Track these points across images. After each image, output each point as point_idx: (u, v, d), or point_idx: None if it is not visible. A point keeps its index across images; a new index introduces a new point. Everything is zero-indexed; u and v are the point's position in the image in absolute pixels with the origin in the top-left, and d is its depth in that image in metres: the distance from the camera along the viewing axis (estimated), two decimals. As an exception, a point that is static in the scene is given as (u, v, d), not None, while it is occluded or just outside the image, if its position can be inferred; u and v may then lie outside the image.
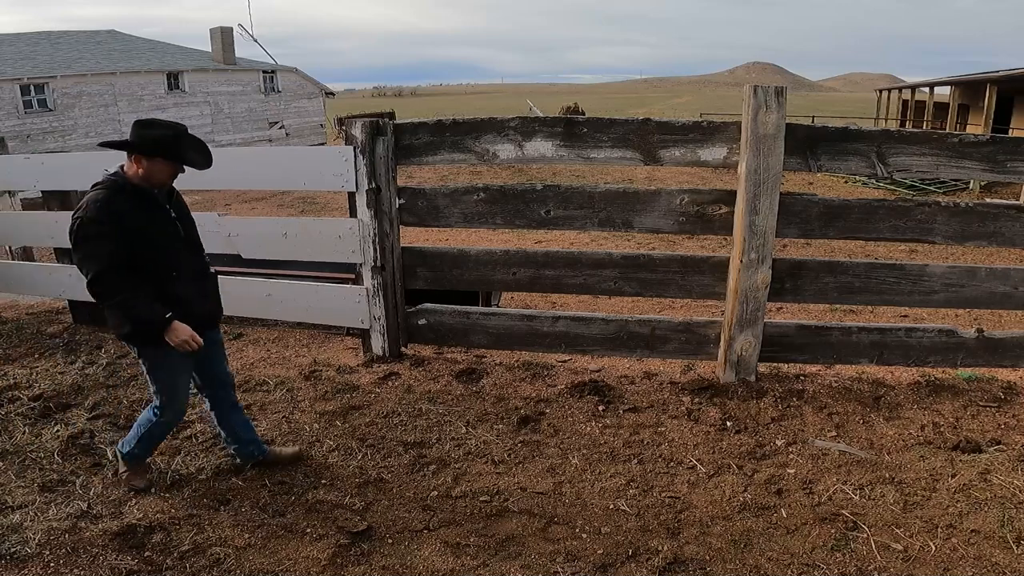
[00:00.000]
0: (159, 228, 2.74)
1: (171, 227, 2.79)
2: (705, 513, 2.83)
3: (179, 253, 2.80)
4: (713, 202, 3.70)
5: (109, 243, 2.56)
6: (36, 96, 20.75)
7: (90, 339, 4.85)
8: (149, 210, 2.71)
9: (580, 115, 19.68)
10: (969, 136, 3.53)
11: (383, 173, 3.90)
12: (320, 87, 30.23)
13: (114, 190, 2.63)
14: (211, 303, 2.95)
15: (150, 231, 2.69)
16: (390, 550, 2.64)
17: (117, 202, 2.61)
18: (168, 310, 2.67)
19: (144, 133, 2.65)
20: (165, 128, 2.70)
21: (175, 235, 2.80)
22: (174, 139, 2.68)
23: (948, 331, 3.82)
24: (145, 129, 2.66)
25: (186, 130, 2.76)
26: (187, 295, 2.78)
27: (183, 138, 2.71)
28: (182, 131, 2.73)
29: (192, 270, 2.84)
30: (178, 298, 2.74)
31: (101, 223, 2.56)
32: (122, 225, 2.59)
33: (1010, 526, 2.68)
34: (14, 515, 2.81)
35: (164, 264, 2.73)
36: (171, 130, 2.70)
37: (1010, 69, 17.70)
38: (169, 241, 2.76)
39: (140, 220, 2.66)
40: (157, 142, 2.64)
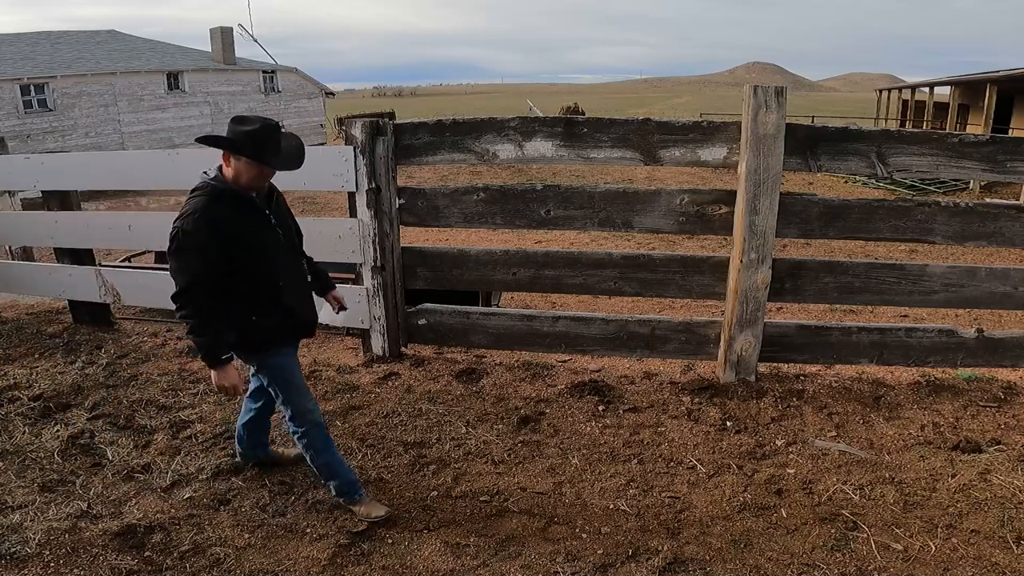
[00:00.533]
0: (257, 235, 2.60)
1: (270, 233, 2.65)
2: (705, 513, 2.83)
3: (281, 261, 2.67)
4: (713, 202, 3.70)
5: (201, 259, 2.46)
6: (36, 96, 20.75)
7: (90, 339, 4.85)
8: (247, 216, 2.57)
9: (580, 115, 19.68)
10: (969, 136, 3.53)
11: (383, 173, 3.90)
12: (320, 87, 30.23)
13: (212, 196, 2.51)
14: (312, 310, 2.86)
15: (248, 239, 2.55)
16: (390, 550, 2.64)
17: (214, 209, 2.48)
18: (228, 352, 2.57)
19: (233, 129, 2.50)
20: (252, 123, 2.50)
21: (275, 242, 2.66)
22: (256, 136, 2.48)
23: (948, 331, 3.82)
24: (235, 125, 2.50)
25: (276, 127, 2.55)
26: (293, 304, 2.71)
27: (267, 135, 2.50)
28: (269, 127, 2.51)
29: (295, 278, 2.75)
30: (286, 308, 2.67)
31: (197, 235, 2.45)
32: (219, 233, 2.47)
33: (1010, 526, 2.68)
34: (14, 515, 2.81)
35: (265, 273, 2.62)
36: (257, 125, 2.49)
37: (1010, 69, 17.71)
38: (270, 249, 2.63)
39: (238, 227, 2.52)
40: (241, 139, 2.47)
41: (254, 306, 2.62)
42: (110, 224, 4.77)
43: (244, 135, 2.46)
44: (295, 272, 2.78)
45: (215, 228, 2.47)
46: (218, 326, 2.54)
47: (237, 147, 2.48)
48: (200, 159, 4.82)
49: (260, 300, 2.62)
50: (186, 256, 2.47)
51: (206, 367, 2.62)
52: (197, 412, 3.72)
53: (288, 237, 2.75)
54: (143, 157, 5.77)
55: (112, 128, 22.19)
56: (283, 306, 2.66)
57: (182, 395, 3.94)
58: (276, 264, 2.66)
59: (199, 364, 4.41)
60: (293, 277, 2.74)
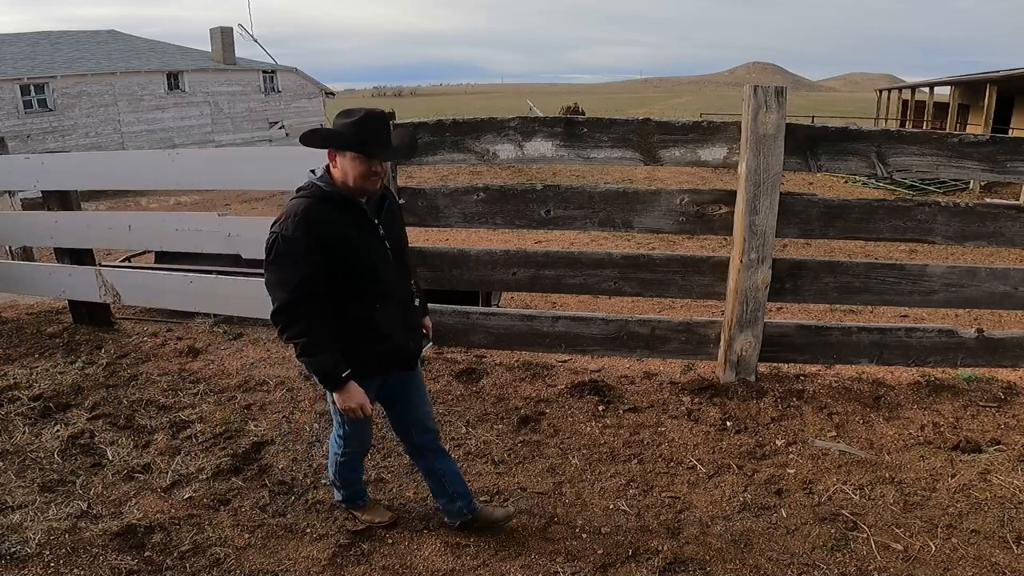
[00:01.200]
0: (361, 247, 2.29)
1: (377, 246, 2.35)
2: (705, 513, 2.83)
3: (384, 277, 2.36)
4: (713, 202, 3.70)
5: (301, 268, 2.18)
6: (36, 96, 20.77)
7: (90, 339, 4.85)
8: (353, 224, 2.28)
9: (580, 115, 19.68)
10: (969, 136, 3.53)
11: (383, 173, 3.90)
12: (320, 87, 30.24)
13: (316, 198, 2.24)
14: (415, 338, 2.53)
15: (351, 250, 2.27)
16: (390, 550, 2.64)
17: (317, 212, 2.21)
18: (347, 370, 2.27)
19: (336, 123, 2.23)
20: (356, 114, 2.23)
21: (381, 256, 2.36)
22: (362, 126, 2.21)
23: (948, 331, 3.82)
24: (338, 119, 2.24)
25: (383, 116, 2.29)
26: (390, 328, 2.38)
27: (375, 125, 2.23)
28: (377, 116, 2.25)
29: (398, 298, 2.43)
30: (379, 332, 2.36)
31: (297, 241, 2.16)
32: (320, 242, 2.19)
33: (1010, 526, 2.68)
34: (14, 515, 2.81)
35: (364, 290, 2.32)
36: (362, 114, 2.23)
37: (1010, 69, 17.70)
38: (373, 263, 2.33)
39: (342, 235, 2.24)
40: (346, 132, 2.21)
41: (342, 328, 2.31)
42: (110, 224, 4.77)
43: (349, 126, 2.21)
44: (399, 292, 2.43)
45: (317, 233, 2.19)
46: (329, 341, 2.24)
47: (342, 141, 2.22)
48: (200, 159, 4.84)
49: (352, 321, 2.31)
50: (286, 265, 2.18)
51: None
52: (197, 412, 3.72)
53: (398, 253, 2.43)
54: (143, 157, 5.77)
55: (112, 128, 22.21)
56: (376, 331, 2.35)
57: (182, 395, 3.94)
58: (377, 282, 2.34)
59: (199, 364, 4.41)
60: (396, 298, 2.41)
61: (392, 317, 2.39)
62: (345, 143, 2.22)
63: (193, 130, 24.74)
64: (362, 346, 2.35)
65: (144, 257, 6.82)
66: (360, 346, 2.34)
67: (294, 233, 2.16)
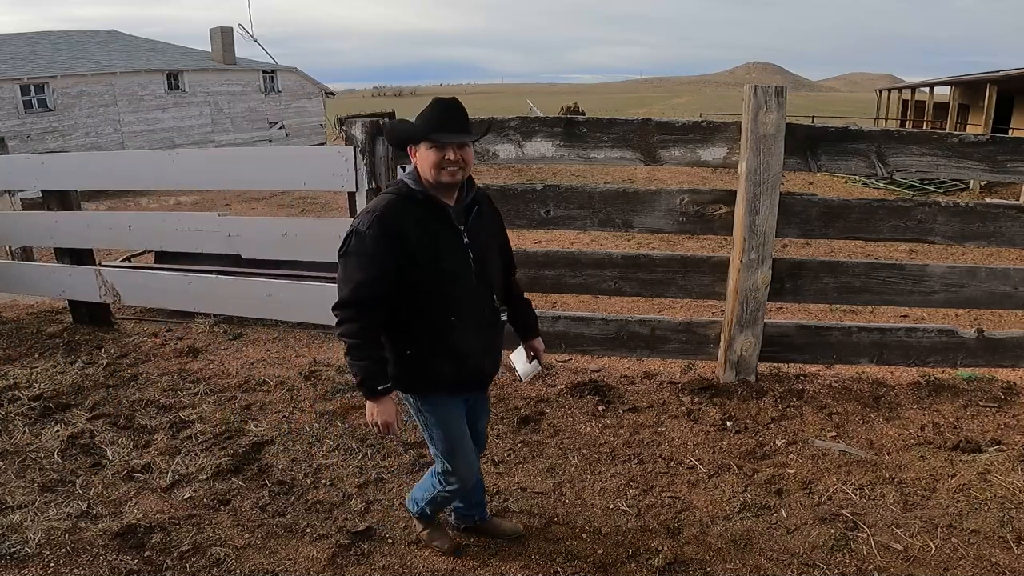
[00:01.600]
0: (441, 252, 2.13)
1: (459, 253, 2.16)
2: (705, 513, 2.83)
3: (462, 289, 2.17)
4: (713, 202, 3.70)
5: (368, 268, 2.07)
6: (36, 96, 20.75)
7: (90, 339, 4.85)
8: (433, 226, 2.13)
9: (580, 115, 19.67)
10: (969, 136, 3.53)
11: (383, 173, 3.90)
12: (320, 87, 30.23)
13: (399, 196, 2.12)
14: (491, 360, 2.34)
15: (427, 255, 2.11)
16: (390, 550, 2.64)
17: (395, 211, 2.09)
18: (387, 382, 2.14)
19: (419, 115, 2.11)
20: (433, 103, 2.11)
21: (462, 265, 2.17)
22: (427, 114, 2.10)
23: (948, 331, 3.82)
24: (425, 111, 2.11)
25: (450, 100, 2.13)
26: (465, 348, 2.20)
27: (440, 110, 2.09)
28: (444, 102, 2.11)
29: (477, 315, 2.22)
30: (454, 349, 2.18)
31: (369, 239, 2.05)
32: (395, 242, 2.06)
33: (1010, 526, 2.68)
34: (14, 515, 2.81)
35: (440, 300, 2.15)
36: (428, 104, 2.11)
37: (1010, 69, 17.71)
38: (452, 271, 2.15)
39: (419, 238, 2.09)
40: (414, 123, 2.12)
41: (413, 339, 2.18)
42: (110, 224, 4.77)
43: (418, 117, 2.11)
44: (479, 309, 2.23)
45: (392, 232, 2.06)
46: (379, 350, 2.15)
47: (410, 133, 2.11)
48: (200, 159, 4.84)
49: (422, 333, 2.18)
50: (353, 262, 2.09)
51: (361, 395, 2.19)
52: (197, 412, 3.72)
53: (483, 265, 2.22)
54: (143, 157, 5.77)
55: (112, 128, 22.19)
56: (450, 346, 2.18)
57: (182, 395, 3.94)
58: (453, 294, 2.16)
59: (199, 364, 4.41)
60: (474, 314, 2.21)
61: (470, 335, 2.20)
62: (413, 133, 2.11)
63: (193, 130, 24.73)
64: (435, 360, 2.19)
65: (144, 257, 6.83)
66: (433, 360, 2.19)
67: (368, 230, 2.06)
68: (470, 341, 2.21)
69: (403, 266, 2.08)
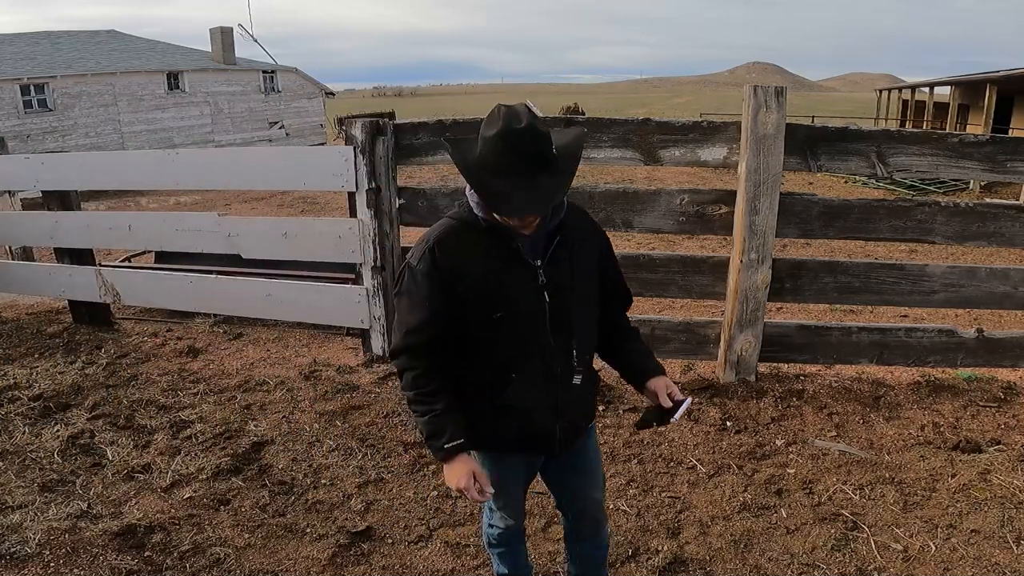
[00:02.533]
0: (504, 292, 1.73)
1: (528, 294, 1.75)
2: (705, 513, 2.83)
3: (529, 337, 1.77)
4: (713, 202, 3.70)
5: (421, 310, 1.74)
6: (36, 96, 20.75)
7: (90, 339, 4.85)
8: (497, 260, 1.73)
9: (580, 115, 19.68)
10: (969, 136, 3.53)
11: (383, 173, 3.90)
12: (320, 87, 30.23)
13: (459, 223, 1.76)
14: (568, 422, 1.87)
15: (485, 294, 1.72)
16: (390, 550, 2.64)
17: (450, 242, 1.73)
18: (456, 440, 1.74)
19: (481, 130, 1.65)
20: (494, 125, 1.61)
21: (531, 307, 1.75)
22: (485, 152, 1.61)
23: (948, 331, 3.82)
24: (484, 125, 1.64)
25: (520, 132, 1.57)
26: (530, 404, 1.81)
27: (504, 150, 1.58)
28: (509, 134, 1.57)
29: (546, 368, 1.80)
30: (513, 407, 1.81)
31: (420, 276, 1.73)
32: (448, 279, 1.72)
33: (1010, 526, 2.68)
34: (14, 515, 2.81)
35: (497, 354, 1.77)
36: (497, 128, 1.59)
37: (1010, 69, 17.70)
38: (514, 315, 1.74)
39: (475, 274, 1.72)
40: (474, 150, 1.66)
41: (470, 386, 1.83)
42: (110, 224, 4.77)
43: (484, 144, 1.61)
44: (550, 361, 1.79)
45: (445, 267, 1.72)
46: (441, 401, 1.77)
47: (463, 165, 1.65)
48: (200, 159, 4.84)
49: (475, 385, 1.83)
50: (404, 303, 1.78)
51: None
52: (197, 412, 3.72)
53: (563, 309, 1.77)
54: (143, 157, 5.77)
55: (112, 128, 22.19)
56: (508, 405, 1.81)
57: (182, 395, 3.94)
58: (524, 344, 1.77)
59: (199, 364, 4.41)
60: (544, 368, 1.79)
61: (535, 390, 1.80)
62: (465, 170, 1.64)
63: (193, 130, 24.73)
64: (493, 412, 1.82)
65: (144, 257, 6.83)
66: (490, 412, 1.82)
67: (419, 264, 1.74)
68: (537, 399, 1.81)
69: (453, 302, 1.73)
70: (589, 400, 1.95)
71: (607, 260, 1.92)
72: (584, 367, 1.86)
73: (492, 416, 1.82)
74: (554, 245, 1.76)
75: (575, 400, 1.86)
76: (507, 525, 2.08)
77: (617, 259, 1.99)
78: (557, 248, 1.76)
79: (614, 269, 1.95)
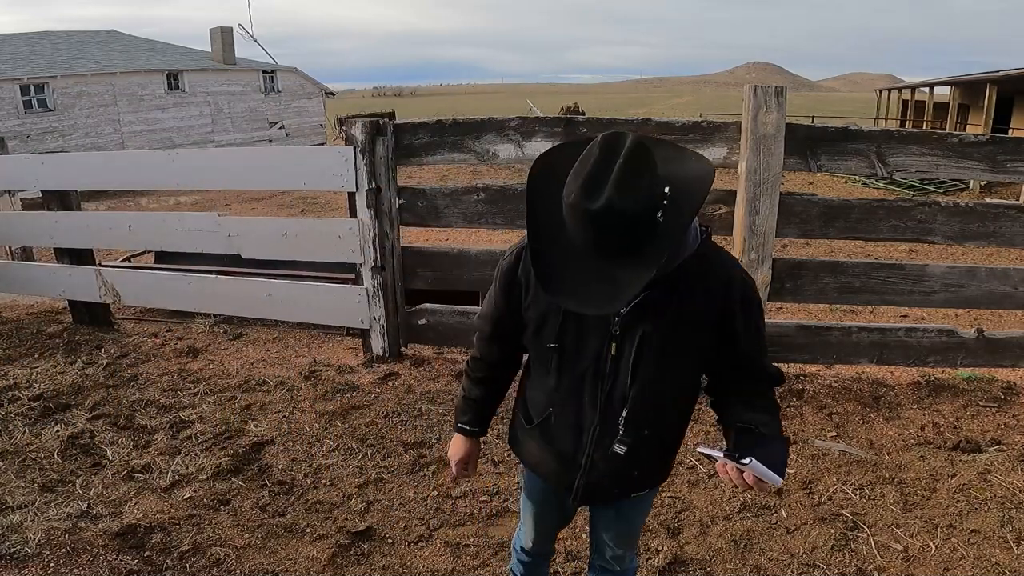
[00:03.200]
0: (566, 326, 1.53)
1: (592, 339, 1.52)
2: (705, 513, 2.82)
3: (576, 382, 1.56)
4: (713, 202, 3.70)
5: (492, 302, 1.70)
6: (36, 96, 20.76)
7: (90, 339, 4.85)
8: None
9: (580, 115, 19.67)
10: (969, 136, 3.53)
11: (383, 173, 3.90)
12: (320, 87, 30.24)
13: None
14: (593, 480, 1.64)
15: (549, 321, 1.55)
16: (390, 550, 2.64)
17: None
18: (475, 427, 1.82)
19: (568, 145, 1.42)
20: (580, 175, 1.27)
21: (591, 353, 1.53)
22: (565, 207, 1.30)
23: (948, 331, 3.82)
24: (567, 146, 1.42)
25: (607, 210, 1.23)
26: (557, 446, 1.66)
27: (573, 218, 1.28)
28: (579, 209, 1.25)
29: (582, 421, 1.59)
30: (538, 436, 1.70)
31: (501, 273, 1.65)
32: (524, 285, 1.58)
33: (1010, 526, 2.68)
34: (14, 515, 2.81)
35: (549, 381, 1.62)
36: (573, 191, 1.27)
37: (1010, 69, 17.71)
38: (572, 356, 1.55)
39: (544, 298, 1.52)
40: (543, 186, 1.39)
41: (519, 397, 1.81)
42: (110, 224, 4.77)
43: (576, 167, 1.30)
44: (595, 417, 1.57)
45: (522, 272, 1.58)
46: (479, 388, 1.82)
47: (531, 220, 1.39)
48: (200, 159, 4.84)
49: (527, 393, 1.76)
50: (490, 288, 1.72)
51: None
52: (197, 412, 3.72)
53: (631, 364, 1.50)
54: (143, 157, 5.77)
55: (112, 128, 22.20)
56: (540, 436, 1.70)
57: (182, 395, 3.94)
58: (563, 381, 1.59)
59: (199, 364, 4.41)
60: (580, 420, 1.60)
61: (563, 439, 1.64)
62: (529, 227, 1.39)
63: (193, 130, 24.74)
64: (527, 431, 1.75)
65: (144, 257, 6.83)
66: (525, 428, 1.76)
67: (505, 260, 1.64)
68: (562, 442, 1.64)
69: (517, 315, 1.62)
70: (634, 472, 1.65)
71: (734, 330, 1.50)
72: (635, 439, 1.57)
73: (526, 434, 1.75)
74: (640, 298, 1.43)
75: (612, 467, 1.61)
76: (526, 547, 2.02)
77: (760, 329, 1.57)
78: (645, 301, 1.45)
79: (747, 342, 1.52)
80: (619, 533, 1.89)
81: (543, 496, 1.86)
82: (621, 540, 1.90)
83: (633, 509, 1.83)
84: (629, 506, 1.80)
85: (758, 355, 1.56)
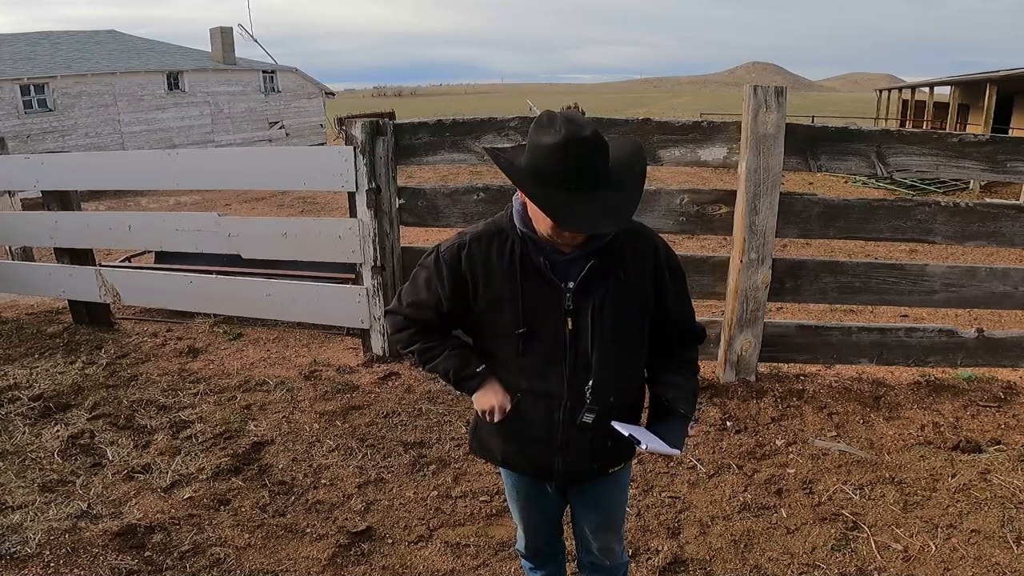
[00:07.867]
0: (519, 311, 1.64)
1: (549, 318, 1.64)
2: (705, 513, 2.82)
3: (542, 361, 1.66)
4: (713, 202, 3.70)
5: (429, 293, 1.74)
6: (36, 96, 20.74)
7: (90, 339, 4.85)
8: (525, 278, 1.64)
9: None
10: (969, 136, 3.53)
11: (383, 173, 3.90)
12: (320, 87, 30.23)
13: (495, 231, 1.69)
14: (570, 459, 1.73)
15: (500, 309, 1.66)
16: (390, 550, 2.64)
17: (482, 247, 1.68)
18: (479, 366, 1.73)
19: (531, 135, 1.53)
20: (553, 133, 1.47)
21: (551, 330, 1.64)
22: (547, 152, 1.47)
23: (948, 331, 3.82)
24: (536, 130, 1.52)
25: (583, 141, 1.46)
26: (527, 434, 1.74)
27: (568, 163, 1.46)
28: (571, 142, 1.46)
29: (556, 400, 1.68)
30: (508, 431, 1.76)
31: (439, 268, 1.71)
32: (463, 286, 1.69)
33: (1010, 526, 2.68)
34: (14, 515, 2.81)
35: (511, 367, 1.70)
36: (559, 137, 1.46)
37: (1010, 69, 17.70)
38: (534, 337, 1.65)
39: (500, 286, 1.64)
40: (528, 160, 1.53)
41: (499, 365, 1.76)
42: (110, 224, 4.77)
43: (537, 151, 1.50)
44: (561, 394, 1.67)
45: (464, 273, 1.68)
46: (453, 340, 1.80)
47: (518, 176, 1.54)
48: (200, 159, 4.84)
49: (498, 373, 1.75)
50: (421, 276, 1.77)
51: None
52: (197, 412, 3.72)
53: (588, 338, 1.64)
54: (143, 157, 5.76)
55: (112, 128, 22.18)
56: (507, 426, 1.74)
57: (182, 395, 3.94)
58: (528, 362, 1.67)
59: (199, 364, 4.41)
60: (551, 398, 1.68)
61: (537, 417, 1.70)
62: (519, 181, 1.54)
63: (193, 130, 24.73)
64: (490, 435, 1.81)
65: (144, 257, 6.83)
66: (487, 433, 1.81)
67: (445, 254, 1.71)
68: (536, 428, 1.71)
69: (462, 309, 1.71)
70: (608, 442, 1.71)
71: (665, 290, 1.71)
72: (602, 407, 1.66)
73: (494, 430, 1.77)
74: (587, 269, 1.60)
75: (587, 439, 1.70)
76: (524, 548, 2.04)
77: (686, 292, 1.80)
78: (592, 272, 1.61)
79: (676, 300, 1.75)
80: (601, 519, 1.92)
81: (524, 492, 1.90)
82: (605, 527, 1.93)
83: (614, 487, 1.88)
84: (610, 483, 1.84)
85: (687, 315, 1.81)
